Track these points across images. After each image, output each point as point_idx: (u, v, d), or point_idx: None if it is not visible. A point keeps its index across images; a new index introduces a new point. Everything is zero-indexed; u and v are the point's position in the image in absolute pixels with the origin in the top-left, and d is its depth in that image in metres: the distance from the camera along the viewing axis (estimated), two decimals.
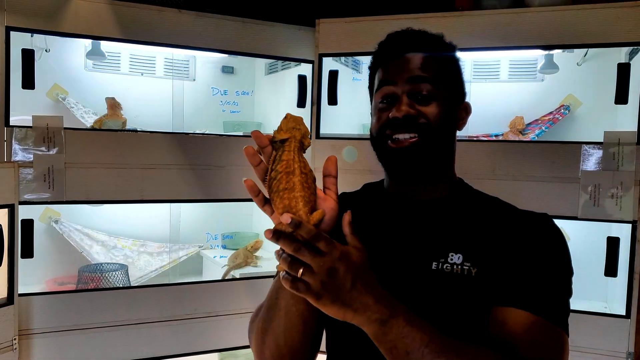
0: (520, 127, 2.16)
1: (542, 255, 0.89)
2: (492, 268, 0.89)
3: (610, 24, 1.81)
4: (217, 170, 2.13)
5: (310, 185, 0.82)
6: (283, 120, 0.83)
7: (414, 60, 0.95)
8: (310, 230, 0.74)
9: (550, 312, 0.84)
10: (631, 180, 1.79)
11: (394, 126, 0.94)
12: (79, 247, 2.24)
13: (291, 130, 0.82)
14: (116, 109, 2.18)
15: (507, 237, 0.92)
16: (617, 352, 1.80)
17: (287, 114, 0.84)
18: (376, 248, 0.94)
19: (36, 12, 1.83)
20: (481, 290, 0.88)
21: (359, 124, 2.43)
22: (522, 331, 0.82)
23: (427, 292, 0.90)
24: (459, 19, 1.98)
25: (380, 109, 0.98)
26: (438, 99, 0.94)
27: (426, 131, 0.93)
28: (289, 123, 0.82)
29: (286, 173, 0.79)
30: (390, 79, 0.96)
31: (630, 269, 1.80)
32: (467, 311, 0.88)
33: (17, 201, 1.79)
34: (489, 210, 0.99)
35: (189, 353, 2.09)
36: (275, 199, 0.80)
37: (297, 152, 0.81)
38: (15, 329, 1.79)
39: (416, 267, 0.93)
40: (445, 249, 0.92)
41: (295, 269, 0.75)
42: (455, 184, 1.03)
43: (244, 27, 2.15)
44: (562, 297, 0.88)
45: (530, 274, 0.87)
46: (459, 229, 0.95)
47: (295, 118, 0.83)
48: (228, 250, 2.51)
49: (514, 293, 0.85)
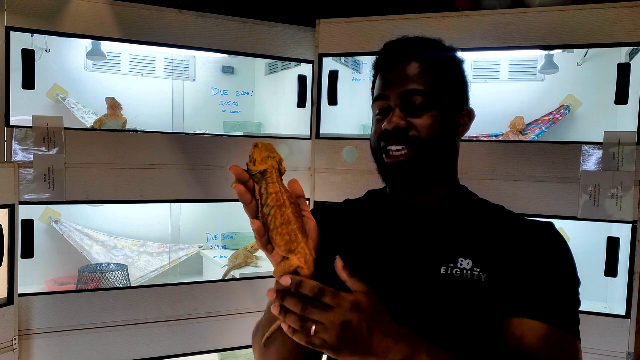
0: (520, 127, 2.16)
1: (552, 266, 0.90)
2: (501, 275, 0.89)
3: (610, 24, 1.81)
4: (217, 170, 2.13)
5: (300, 213, 0.80)
6: (255, 150, 0.80)
7: (406, 72, 0.96)
8: (314, 287, 0.73)
9: (565, 322, 0.85)
10: (631, 180, 1.79)
11: (385, 137, 0.96)
12: (79, 247, 2.24)
13: (266, 159, 0.79)
14: (116, 109, 2.18)
15: (514, 245, 0.92)
16: (617, 352, 1.80)
17: (257, 143, 0.81)
18: (383, 254, 0.95)
19: (36, 12, 1.83)
20: (491, 296, 0.88)
21: (359, 124, 2.43)
22: (539, 342, 0.83)
23: (436, 297, 0.90)
24: (459, 19, 1.98)
25: (377, 120, 1.00)
26: (431, 110, 0.94)
27: (417, 145, 0.94)
28: (262, 152, 0.79)
29: (278, 207, 0.77)
30: (383, 93, 0.98)
31: (630, 269, 1.80)
32: (476, 317, 0.88)
33: (17, 201, 1.79)
34: (494, 217, 0.99)
35: (189, 353, 2.09)
36: (275, 236, 0.77)
37: (279, 181, 0.79)
38: (15, 329, 1.79)
39: (424, 271, 0.92)
40: (453, 254, 0.92)
41: (307, 328, 0.73)
42: (459, 190, 1.03)
43: (244, 27, 2.15)
44: (573, 306, 0.89)
45: (542, 285, 0.87)
46: (466, 233, 0.95)
47: (267, 146, 0.81)
48: (228, 250, 2.51)
49: (527, 304, 0.86)
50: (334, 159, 2.15)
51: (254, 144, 0.80)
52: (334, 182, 2.14)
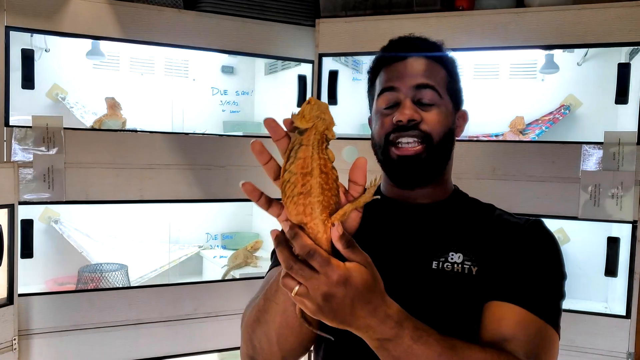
0: (521, 127, 2.16)
1: (538, 258, 0.91)
2: (491, 267, 0.91)
3: (610, 23, 1.81)
4: (217, 170, 2.13)
5: (331, 186, 0.70)
6: (306, 105, 0.69)
7: (418, 66, 0.96)
8: (305, 246, 0.67)
9: (545, 312, 0.86)
10: (631, 180, 1.78)
11: (397, 129, 0.94)
12: (79, 247, 2.23)
13: (314, 118, 0.68)
14: (116, 108, 2.18)
15: (504, 239, 0.93)
16: (617, 353, 1.80)
17: (311, 99, 0.70)
18: (375, 249, 0.95)
19: (36, 12, 1.82)
20: (482, 289, 0.89)
21: (359, 124, 2.43)
22: (516, 326, 0.83)
23: (428, 292, 0.90)
24: (459, 19, 1.98)
25: (384, 114, 0.98)
26: (439, 106, 0.96)
27: (428, 140, 0.94)
28: (313, 110, 0.69)
29: (302, 174, 0.68)
30: (393, 85, 0.97)
31: (630, 269, 1.80)
32: (467, 310, 0.89)
33: (16, 201, 1.79)
34: (485, 213, 1.01)
35: (189, 353, 2.09)
36: (289, 204, 0.69)
37: (317, 147, 0.69)
38: (15, 329, 1.79)
39: (416, 266, 0.93)
40: (445, 248, 0.93)
41: (288, 285, 0.69)
42: (451, 189, 1.05)
43: (244, 27, 2.15)
44: (556, 299, 0.90)
45: (527, 275, 0.89)
46: (457, 229, 0.96)
47: (320, 105, 0.70)
48: (228, 251, 2.50)
49: (510, 290, 0.87)
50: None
51: (307, 101, 0.70)
52: None
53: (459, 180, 1.07)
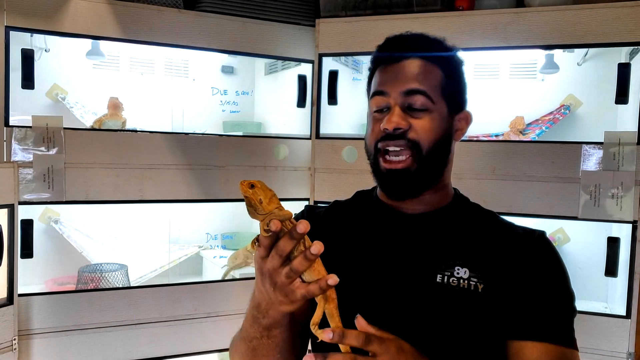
0: (521, 127, 2.16)
1: (548, 283, 0.90)
2: (497, 287, 0.89)
3: (610, 23, 1.81)
4: (217, 170, 2.13)
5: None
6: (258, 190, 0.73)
7: (411, 69, 0.92)
8: (359, 336, 0.73)
9: (565, 338, 0.87)
10: (631, 180, 1.78)
11: (384, 138, 0.92)
12: (79, 247, 2.23)
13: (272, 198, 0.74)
14: (118, 109, 2.18)
15: (509, 257, 0.91)
16: (617, 353, 1.80)
17: (253, 182, 0.74)
18: (375, 260, 0.93)
19: (36, 12, 1.82)
20: (488, 308, 0.88)
21: (359, 124, 2.43)
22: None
23: (432, 307, 0.88)
24: (459, 19, 1.98)
25: (375, 118, 0.96)
26: (432, 112, 0.92)
27: (416, 149, 0.91)
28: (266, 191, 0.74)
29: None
30: (383, 89, 0.94)
31: (630, 269, 1.80)
32: (473, 328, 0.87)
33: (16, 201, 1.79)
34: (488, 225, 0.97)
35: (189, 353, 2.09)
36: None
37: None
38: (15, 329, 1.79)
39: (420, 279, 0.91)
40: (450, 262, 0.91)
41: None
42: (451, 194, 1.01)
43: (244, 27, 2.15)
44: (570, 320, 0.90)
45: (540, 304, 0.88)
46: (461, 240, 0.93)
47: (262, 183, 0.74)
48: (228, 251, 2.50)
49: (527, 325, 0.87)
50: (333, 159, 2.14)
51: (249, 184, 0.73)
52: (334, 182, 2.14)
53: (459, 181, 1.06)
